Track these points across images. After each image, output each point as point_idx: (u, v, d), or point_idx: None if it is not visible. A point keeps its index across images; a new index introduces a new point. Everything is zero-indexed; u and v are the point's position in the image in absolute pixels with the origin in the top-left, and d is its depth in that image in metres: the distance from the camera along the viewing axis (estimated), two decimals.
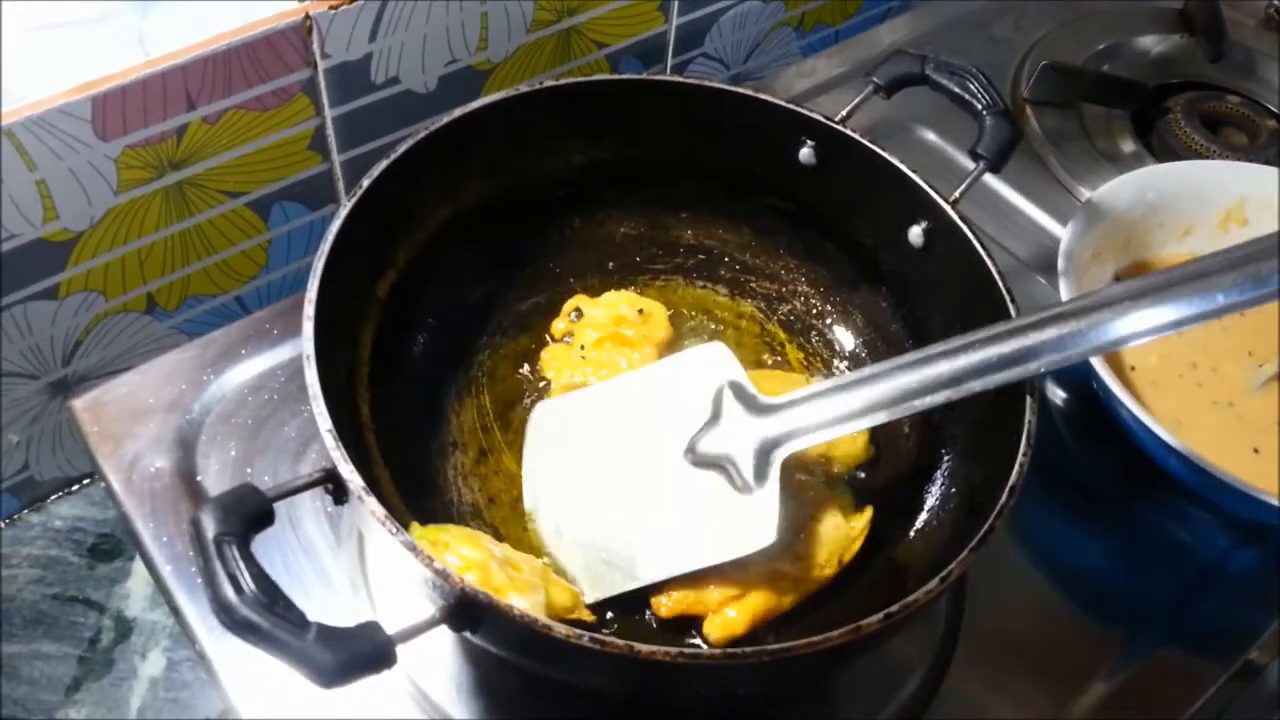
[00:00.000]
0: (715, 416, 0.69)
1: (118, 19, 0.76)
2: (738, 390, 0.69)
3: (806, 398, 0.67)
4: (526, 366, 0.80)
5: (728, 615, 0.66)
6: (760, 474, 0.66)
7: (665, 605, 0.67)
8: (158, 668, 0.87)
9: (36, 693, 0.85)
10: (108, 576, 0.91)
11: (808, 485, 0.72)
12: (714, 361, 0.71)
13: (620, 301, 0.81)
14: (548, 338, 0.81)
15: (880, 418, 0.64)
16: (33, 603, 0.89)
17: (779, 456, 0.66)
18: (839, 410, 0.65)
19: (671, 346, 0.80)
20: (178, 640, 0.88)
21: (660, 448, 0.70)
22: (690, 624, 0.68)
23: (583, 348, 0.79)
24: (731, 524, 0.66)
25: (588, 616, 0.67)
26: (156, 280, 0.88)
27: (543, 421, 0.76)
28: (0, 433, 0.87)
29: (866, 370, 0.65)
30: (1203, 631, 0.79)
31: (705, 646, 0.67)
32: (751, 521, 0.65)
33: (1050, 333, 0.61)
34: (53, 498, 0.94)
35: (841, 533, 0.70)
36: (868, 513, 0.72)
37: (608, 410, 0.74)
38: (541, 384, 0.79)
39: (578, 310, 0.81)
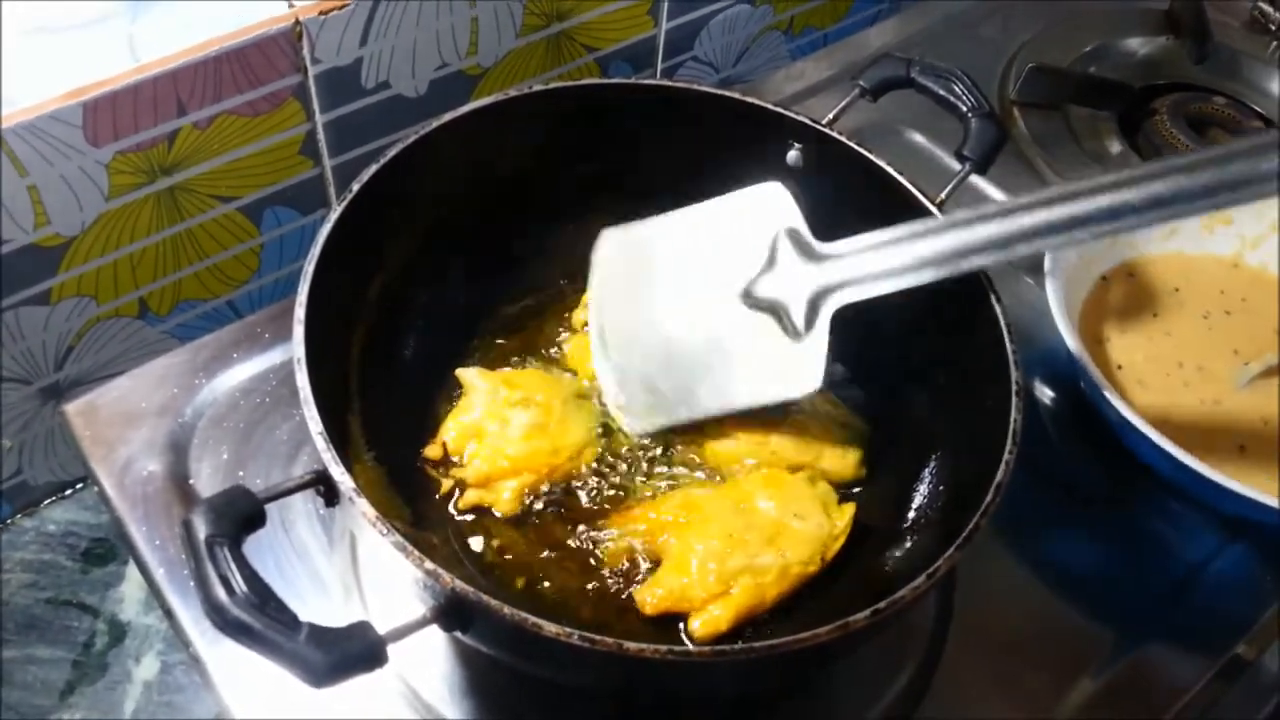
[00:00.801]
0: (771, 261, 0.70)
1: (108, 24, 0.77)
2: (794, 236, 0.70)
3: (862, 248, 0.67)
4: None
5: (712, 612, 0.67)
6: (810, 321, 0.67)
7: (650, 603, 0.68)
8: (151, 671, 0.87)
9: (30, 697, 0.85)
10: (101, 580, 0.91)
11: (791, 482, 0.73)
12: (771, 202, 0.72)
13: None
14: (568, 330, 0.82)
15: (929, 275, 0.65)
16: (26, 607, 0.89)
17: (830, 306, 0.68)
18: (892, 263, 0.66)
19: None
20: (171, 644, 0.88)
21: (716, 287, 0.71)
22: (676, 621, 0.68)
23: None
24: (779, 369, 0.68)
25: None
26: (148, 285, 0.88)
27: (607, 249, 0.77)
28: None
29: (920, 224, 0.66)
30: (1190, 627, 0.80)
31: (691, 644, 0.67)
32: (798, 368, 0.67)
33: (1103, 200, 0.60)
34: (46, 502, 0.94)
35: (824, 530, 0.71)
36: (850, 510, 0.72)
37: (669, 245, 0.75)
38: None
39: None
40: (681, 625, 0.68)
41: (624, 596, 0.70)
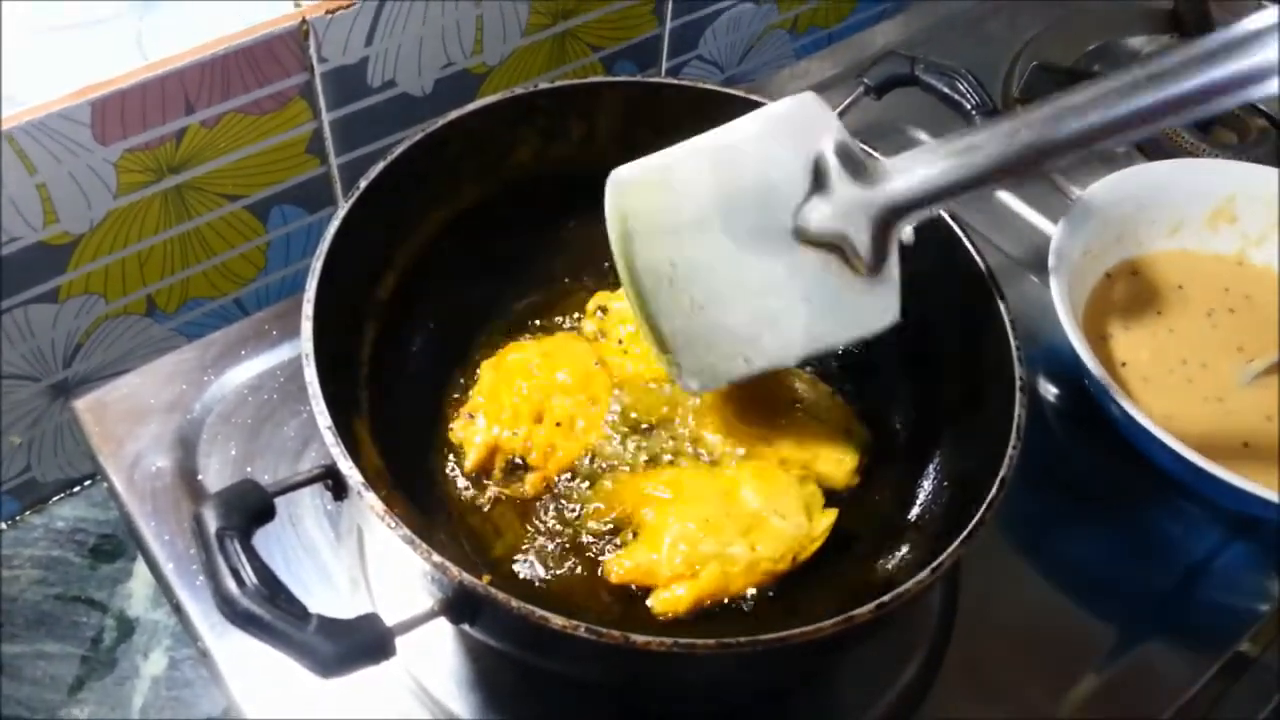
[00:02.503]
0: (820, 185, 0.61)
1: (116, 23, 0.77)
2: (843, 153, 0.61)
3: (922, 156, 0.61)
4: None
5: (675, 591, 0.67)
6: (879, 251, 0.60)
7: (617, 572, 0.68)
8: (160, 667, 0.88)
9: (40, 692, 0.86)
10: (109, 577, 0.91)
11: (780, 479, 0.73)
12: (808, 113, 0.64)
13: None
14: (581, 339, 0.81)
15: (1004, 181, 0.58)
16: (35, 603, 0.89)
17: (898, 231, 0.61)
18: (961, 169, 0.59)
19: None
20: (179, 639, 0.89)
21: (763, 222, 0.63)
22: (641, 595, 0.69)
23: (621, 341, 0.79)
24: (849, 305, 0.62)
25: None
26: (156, 283, 0.89)
27: (624, 191, 0.70)
28: (1, 435, 0.87)
29: (985, 128, 0.59)
30: (1193, 623, 0.80)
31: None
32: (873, 300, 0.61)
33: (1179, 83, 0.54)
34: (54, 499, 0.95)
35: (802, 531, 0.70)
36: (832, 515, 0.72)
37: (699, 179, 0.67)
38: None
39: (602, 308, 0.82)
40: (648, 600, 0.69)
41: (595, 567, 0.70)
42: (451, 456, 0.74)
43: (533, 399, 0.75)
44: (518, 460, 0.74)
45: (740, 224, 0.64)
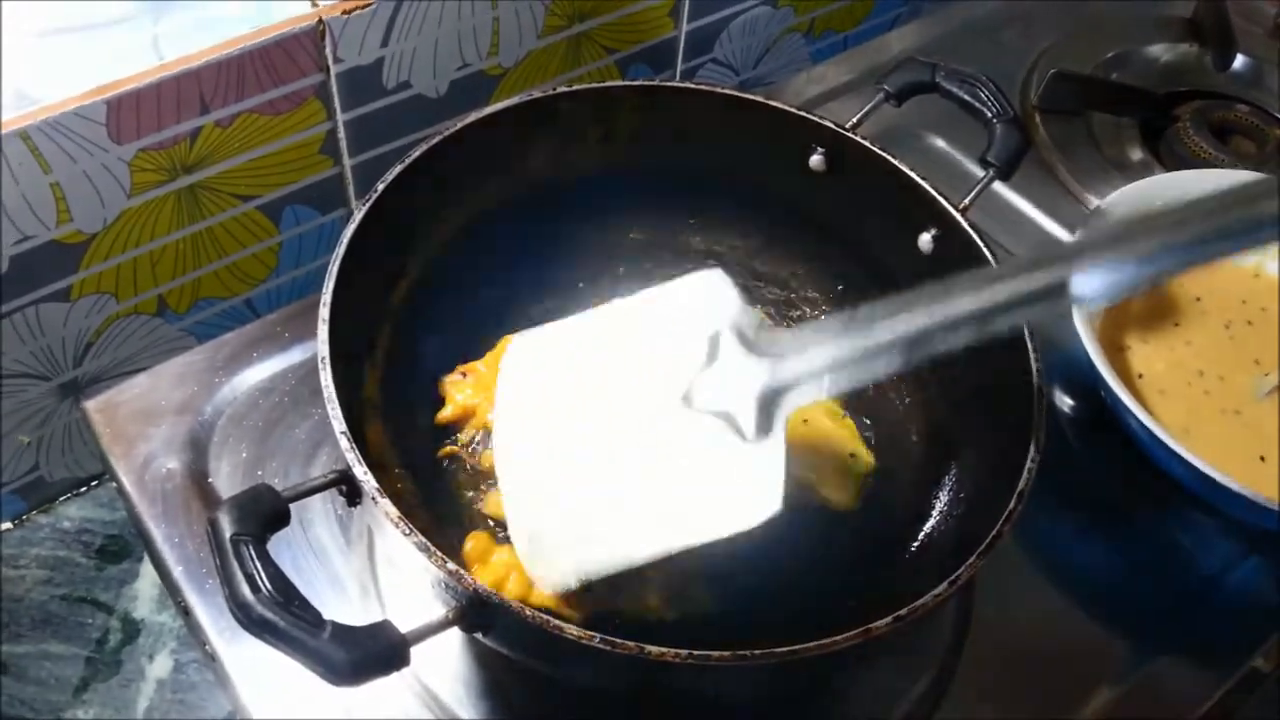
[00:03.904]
0: (713, 358, 0.60)
1: (133, 23, 0.77)
2: (738, 330, 0.60)
3: (813, 338, 0.57)
4: None
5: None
6: (763, 427, 0.57)
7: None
8: (165, 669, 0.88)
9: (44, 693, 0.86)
10: (116, 578, 0.91)
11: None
12: (709, 290, 0.62)
13: None
14: None
15: (896, 363, 0.54)
16: (41, 603, 0.89)
17: (783, 410, 0.57)
18: (850, 353, 0.55)
19: None
20: (185, 642, 0.88)
21: (651, 392, 0.61)
22: None
23: None
24: (732, 488, 0.58)
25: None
26: (168, 283, 0.88)
27: (517, 359, 0.67)
28: (8, 434, 0.87)
29: (878, 306, 0.55)
30: (1208, 638, 0.79)
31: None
32: (754, 486, 0.57)
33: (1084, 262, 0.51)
34: (61, 499, 0.94)
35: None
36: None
37: (591, 348, 0.65)
38: None
39: None
40: None
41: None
42: (465, 465, 0.74)
43: None
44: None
45: (629, 397, 0.62)
